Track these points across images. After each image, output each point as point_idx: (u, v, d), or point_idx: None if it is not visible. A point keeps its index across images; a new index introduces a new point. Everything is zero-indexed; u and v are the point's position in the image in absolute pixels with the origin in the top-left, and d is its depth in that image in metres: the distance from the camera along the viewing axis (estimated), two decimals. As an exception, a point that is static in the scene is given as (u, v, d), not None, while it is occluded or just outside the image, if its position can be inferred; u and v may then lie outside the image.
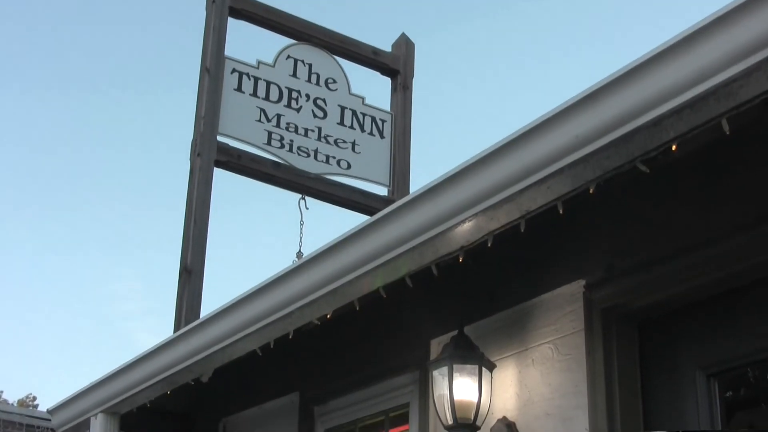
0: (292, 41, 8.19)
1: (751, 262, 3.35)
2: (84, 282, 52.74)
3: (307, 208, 7.87)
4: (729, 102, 2.64)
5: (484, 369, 4.01)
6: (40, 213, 51.83)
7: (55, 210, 52.85)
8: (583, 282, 3.89)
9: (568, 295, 3.96)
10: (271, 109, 7.82)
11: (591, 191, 3.17)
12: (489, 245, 3.52)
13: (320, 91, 8.11)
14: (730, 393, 3.57)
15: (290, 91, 7.96)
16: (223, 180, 7.65)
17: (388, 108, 8.48)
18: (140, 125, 54.15)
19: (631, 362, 3.75)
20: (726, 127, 2.71)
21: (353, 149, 8.11)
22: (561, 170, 3.08)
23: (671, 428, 3.58)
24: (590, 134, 2.97)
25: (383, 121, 8.34)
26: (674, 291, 3.59)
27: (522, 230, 3.43)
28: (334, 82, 8.21)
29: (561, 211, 3.27)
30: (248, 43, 8.63)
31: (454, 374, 3.96)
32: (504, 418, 4.08)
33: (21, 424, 16.84)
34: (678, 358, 3.64)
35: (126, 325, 51.35)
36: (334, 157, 8.00)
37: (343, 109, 8.17)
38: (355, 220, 7.46)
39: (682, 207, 3.59)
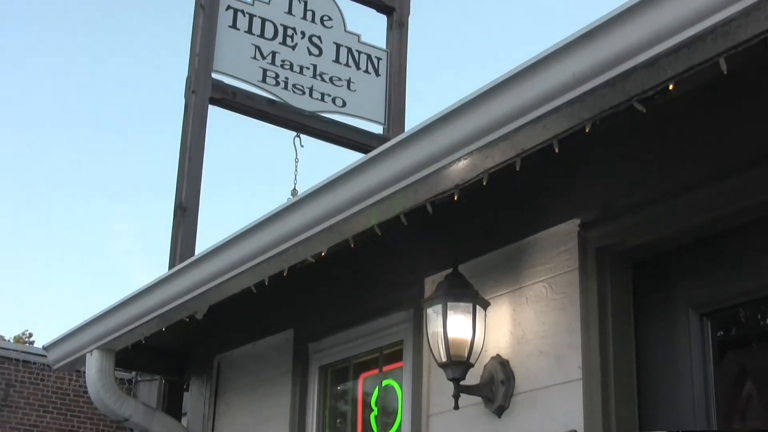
0: (288, -24, 8.11)
1: (746, 203, 3.35)
2: (80, 220, 52.77)
3: (302, 146, 7.86)
4: (727, 42, 2.63)
5: (478, 307, 4.02)
6: (34, 150, 51.69)
7: (50, 148, 52.71)
8: (577, 221, 3.89)
9: (562, 234, 3.97)
10: (266, 47, 7.76)
11: (587, 130, 3.16)
12: (484, 184, 3.52)
13: (315, 29, 8.05)
14: (722, 333, 3.59)
15: (285, 28, 7.90)
16: (218, 118, 7.63)
17: (383, 46, 8.43)
18: (135, 62, 53.85)
19: (625, 301, 3.77)
20: (724, 67, 2.69)
21: (348, 87, 8.08)
22: (557, 109, 3.06)
23: (663, 366, 3.60)
24: (587, 73, 2.95)
25: (379, 59, 8.29)
26: (669, 231, 3.60)
27: (517, 169, 3.43)
28: (330, 19, 8.15)
29: (557, 150, 3.27)
30: (243, -21, 8.52)
31: (449, 312, 3.98)
32: (497, 355, 4.11)
33: (17, 360, 16.95)
34: (671, 298, 3.66)
35: (122, 262, 51.48)
36: (329, 95, 7.96)
37: (338, 46, 8.12)
38: (350, 158, 7.45)
39: (678, 147, 3.58)
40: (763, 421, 3.48)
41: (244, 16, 7.74)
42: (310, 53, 7.97)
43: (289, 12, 7.97)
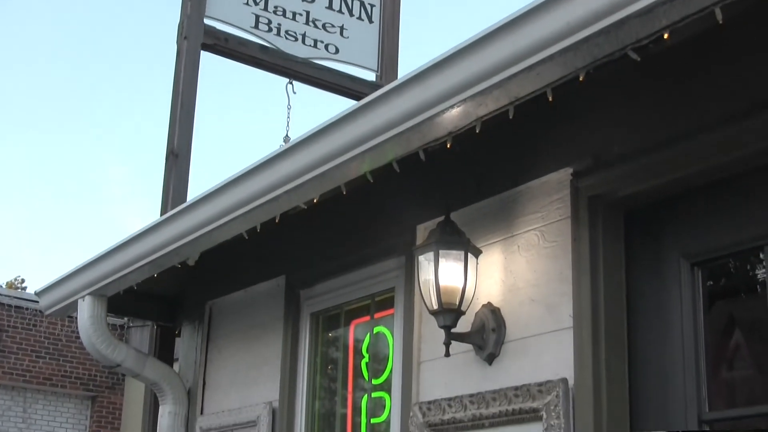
0: None
1: (739, 153, 3.35)
2: (73, 166, 52.62)
3: (294, 93, 7.84)
4: (723, -10, 2.61)
5: (469, 255, 4.03)
6: (27, 95, 51.44)
7: (42, 93, 52.45)
8: (570, 170, 3.89)
9: (555, 183, 3.96)
10: (259, -8, 7.71)
11: (581, 79, 3.15)
12: (477, 131, 3.52)
13: (309, -26, 7.99)
14: (712, 283, 3.60)
15: (278, -27, 7.84)
16: (210, 64, 7.60)
17: (377, -8, 8.37)
18: (128, 8, 53.45)
19: (617, 250, 3.78)
20: (719, 16, 2.68)
21: (341, 34, 8.03)
22: (551, 57, 3.05)
23: (654, 315, 3.62)
24: (581, 21, 2.94)
25: (372, 6, 8.24)
26: (661, 180, 3.59)
27: (510, 117, 3.42)
28: (323, -35, 8.09)
29: (550, 99, 3.26)
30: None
31: (440, 259, 3.98)
32: (489, 303, 4.12)
33: (9, 306, 16.99)
34: (663, 247, 3.67)
35: (115, 209, 51.42)
36: (322, 42, 7.93)
37: (331, -7, 8.07)
38: (342, 105, 7.42)
39: (672, 96, 3.57)
40: (750, 370, 3.51)
41: (237, -40, 7.68)
42: (303, -1, 7.93)
43: (283, -43, 7.91)
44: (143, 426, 7.15)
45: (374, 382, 5.01)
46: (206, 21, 7.43)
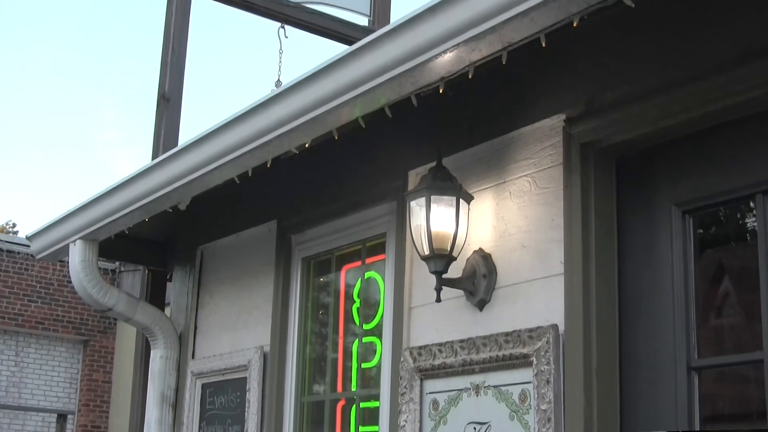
0: None
1: (731, 101, 3.34)
2: (65, 110, 52.39)
3: (286, 37, 7.79)
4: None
5: (461, 200, 4.02)
6: (18, 37, 51.05)
7: (33, 35, 52.04)
8: (563, 116, 3.88)
9: (547, 129, 3.95)
10: (251, -66, 7.64)
11: (575, 25, 3.14)
12: (470, 77, 3.50)
13: None
14: (702, 230, 3.61)
15: None
16: (201, 8, 7.54)
17: (370, -65, 8.30)
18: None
19: (608, 197, 3.77)
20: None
21: (334, -23, 7.98)
22: (545, 2, 3.03)
23: (644, 262, 3.63)
24: (576, -35, 2.92)
25: (365, -51, 8.18)
26: (653, 128, 3.58)
27: (503, 63, 3.41)
28: None
29: (544, 44, 3.25)
30: None
31: (432, 205, 3.98)
32: (480, 249, 4.13)
33: (1, 250, 16.98)
34: (654, 195, 3.67)
35: (107, 153, 51.29)
36: (314, -15, 7.87)
37: (324, -65, 8.00)
38: (335, 49, 7.38)
39: (665, 44, 3.55)
40: (738, 317, 3.53)
41: None
42: (295, -59, 7.85)
43: None
44: (135, 370, 7.18)
45: (365, 327, 5.03)
46: (197, -36, 7.37)
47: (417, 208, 4.04)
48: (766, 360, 3.22)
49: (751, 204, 3.42)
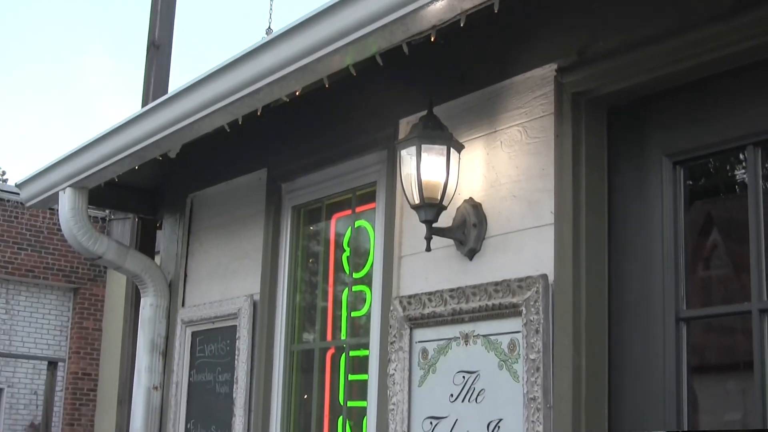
0: None
1: (725, 51, 3.32)
2: (53, 57, 52.03)
3: (277, -15, 7.72)
4: None
5: (452, 149, 4.01)
6: (4, -16, 50.58)
7: (20, -19, 51.58)
8: (555, 65, 3.86)
9: (539, 79, 3.94)
10: None
11: (568, -28, 3.11)
12: (461, 25, 3.48)
13: None
14: (692, 181, 3.61)
15: None
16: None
17: None
18: None
19: (599, 147, 3.77)
20: None
21: (326, -76, 7.90)
22: (538, -51, 3.01)
23: (634, 213, 3.63)
24: None
25: None
26: (645, 78, 3.57)
27: (495, 11, 3.39)
28: None
29: (536, -8, 3.22)
30: None
31: (422, 154, 3.97)
32: (470, 198, 4.12)
33: (-10, 197, 16.95)
34: (645, 145, 3.66)
35: (96, 101, 51.04)
36: (305, -68, 7.80)
37: None
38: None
39: (658, -9, 3.53)
40: (726, 269, 3.54)
41: None
42: None
43: None
44: (125, 318, 7.19)
45: (355, 275, 5.03)
46: None
47: (407, 156, 4.03)
48: (753, 311, 3.24)
49: (742, 156, 3.42)
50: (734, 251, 3.49)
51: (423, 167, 3.96)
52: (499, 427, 3.83)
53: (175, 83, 7.06)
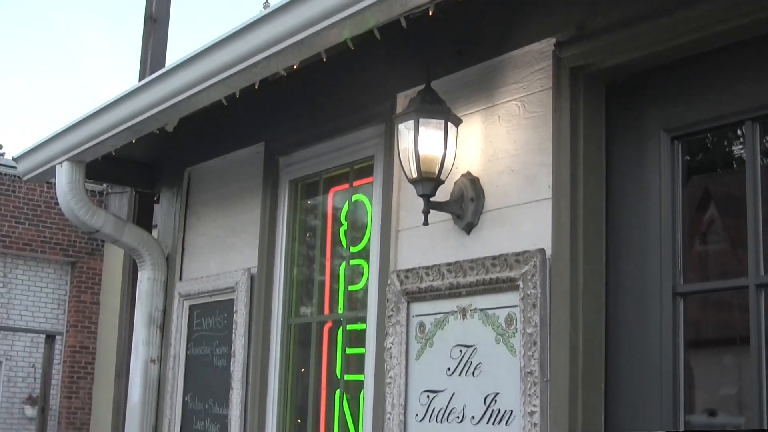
0: None
1: (723, 27, 3.32)
2: (51, 31, 51.87)
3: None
4: None
5: (450, 124, 4.01)
6: (0, -44, 50.35)
7: (16, -46, 51.35)
8: (553, 40, 3.85)
9: (537, 53, 3.93)
10: None
11: (566, -55, 3.10)
12: (460, -1, 3.47)
13: None
14: (690, 157, 3.60)
15: None
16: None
17: None
18: None
19: (597, 122, 3.76)
20: None
21: None
22: None
23: (633, 187, 3.63)
24: None
25: None
26: (644, 53, 3.56)
27: (494, -16, 3.38)
28: None
29: (535, -34, 3.21)
30: None
31: (420, 128, 3.97)
32: (468, 173, 4.12)
33: (-13, 171, 16.93)
34: (643, 120, 3.66)
35: (93, 75, 50.92)
36: None
37: None
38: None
39: (657, -35, 3.52)
40: (723, 244, 3.54)
41: None
42: None
43: None
44: (123, 291, 7.21)
45: (352, 249, 5.04)
46: None
47: (405, 130, 4.03)
48: (750, 286, 3.24)
49: (740, 131, 3.42)
50: (731, 226, 3.49)
51: (421, 141, 3.96)
52: (495, 400, 3.84)
53: (172, 57, 7.02)
